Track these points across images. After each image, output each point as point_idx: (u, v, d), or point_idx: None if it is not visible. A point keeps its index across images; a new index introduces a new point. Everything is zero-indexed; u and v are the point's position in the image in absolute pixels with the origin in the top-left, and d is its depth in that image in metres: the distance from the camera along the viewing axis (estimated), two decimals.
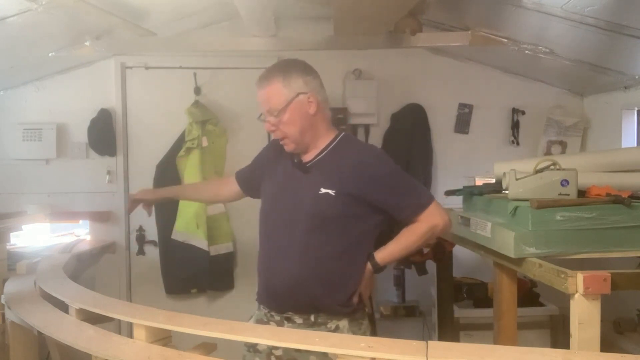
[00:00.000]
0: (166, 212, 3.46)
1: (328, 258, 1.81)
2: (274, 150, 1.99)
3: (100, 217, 3.57)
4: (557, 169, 1.94)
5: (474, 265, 3.37)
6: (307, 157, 1.87)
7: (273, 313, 1.87)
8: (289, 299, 1.83)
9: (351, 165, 1.81)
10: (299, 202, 1.82)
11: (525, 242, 1.75)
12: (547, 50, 2.91)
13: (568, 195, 1.87)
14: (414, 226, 1.85)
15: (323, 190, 1.79)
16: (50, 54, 3.16)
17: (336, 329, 1.81)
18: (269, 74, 1.87)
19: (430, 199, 1.85)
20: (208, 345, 1.63)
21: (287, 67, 1.87)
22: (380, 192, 1.81)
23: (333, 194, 1.78)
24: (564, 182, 1.88)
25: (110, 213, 3.58)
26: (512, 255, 1.76)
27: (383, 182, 1.82)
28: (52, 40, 3.08)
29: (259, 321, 1.90)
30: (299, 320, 1.82)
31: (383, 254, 1.87)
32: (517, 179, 1.95)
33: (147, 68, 3.58)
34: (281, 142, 1.87)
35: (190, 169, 3.42)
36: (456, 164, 3.62)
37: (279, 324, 1.85)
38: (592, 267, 1.57)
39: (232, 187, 2.16)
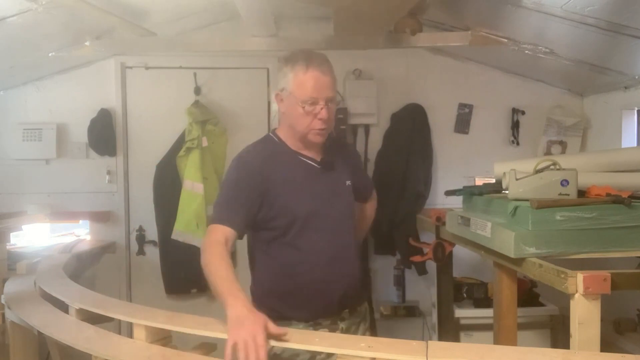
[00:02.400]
0: (166, 212, 3.46)
1: (359, 245, 1.97)
2: (261, 166, 1.79)
3: (100, 217, 3.57)
4: (557, 169, 1.94)
5: (474, 265, 3.36)
6: (319, 154, 1.87)
7: (321, 320, 1.78)
8: (351, 300, 1.84)
9: (351, 156, 2.03)
10: (337, 198, 1.82)
11: (525, 242, 1.75)
12: (547, 50, 2.91)
13: (568, 195, 1.87)
14: (372, 203, 2.15)
15: (347, 183, 1.90)
16: (50, 54, 3.16)
17: (365, 311, 1.94)
18: (326, 60, 1.77)
19: (369, 177, 2.21)
20: (208, 345, 1.63)
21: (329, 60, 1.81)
22: (362, 176, 2.09)
23: (350, 184, 1.91)
24: (564, 182, 1.88)
25: (110, 213, 3.58)
26: (512, 255, 1.76)
27: (361, 166, 2.16)
28: (52, 40, 3.08)
29: None
30: (347, 315, 1.85)
31: (359, 235, 2.10)
32: (517, 179, 1.95)
33: (147, 68, 3.58)
34: (321, 132, 1.77)
35: (190, 169, 3.42)
36: (456, 164, 3.62)
37: (331, 328, 1.79)
38: (592, 267, 1.57)
39: (232, 244, 1.76)
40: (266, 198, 1.76)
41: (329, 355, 1.70)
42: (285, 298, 1.78)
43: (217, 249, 1.65)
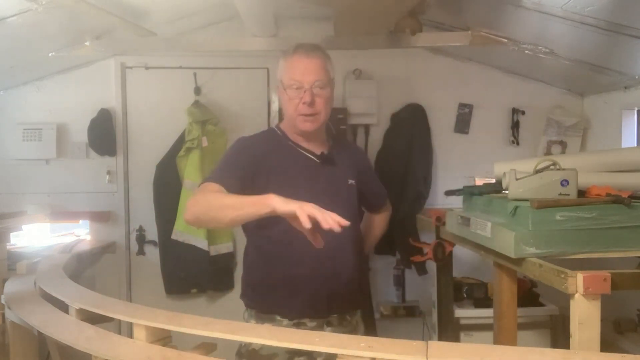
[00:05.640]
0: (166, 212, 3.46)
1: (361, 251, 1.90)
2: (257, 151, 1.80)
3: (100, 217, 3.57)
4: (557, 169, 1.94)
5: (474, 265, 3.37)
6: (320, 148, 1.85)
7: (306, 320, 1.76)
8: (342, 301, 1.79)
9: (358, 157, 2.02)
10: (336, 196, 1.78)
11: (525, 242, 1.74)
12: (547, 50, 2.91)
13: (568, 195, 1.86)
14: (384, 215, 2.13)
15: (350, 182, 1.86)
16: (50, 54, 3.16)
17: (357, 323, 1.88)
18: (315, 47, 1.81)
19: (385, 189, 2.12)
20: (208, 345, 1.63)
21: (324, 50, 1.86)
22: (371, 182, 2.04)
23: (354, 184, 1.87)
24: (564, 182, 1.88)
25: (110, 213, 3.59)
26: (512, 255, 1.76)
27: (372, 173, 2.09)
28: (52, 40, 3.08)
29: None
30: (336, 322, 1.81)
31: (367, 247, 2.11)
32: (517, 179, 1.95)
33: (147, 68, 3.58)
34: (308, 118, 1.75)
35: (190, 169, 3.42)
36: (456, 164, 3.62)
37: (316, 330, 1.74)
38: (592, 267, 1.57)
39: None
40: (256, 183, 1.72)
41: (309, 357, 1.72)
42: (271, 290, 1.79)
43: (212, 193, 1.61)
